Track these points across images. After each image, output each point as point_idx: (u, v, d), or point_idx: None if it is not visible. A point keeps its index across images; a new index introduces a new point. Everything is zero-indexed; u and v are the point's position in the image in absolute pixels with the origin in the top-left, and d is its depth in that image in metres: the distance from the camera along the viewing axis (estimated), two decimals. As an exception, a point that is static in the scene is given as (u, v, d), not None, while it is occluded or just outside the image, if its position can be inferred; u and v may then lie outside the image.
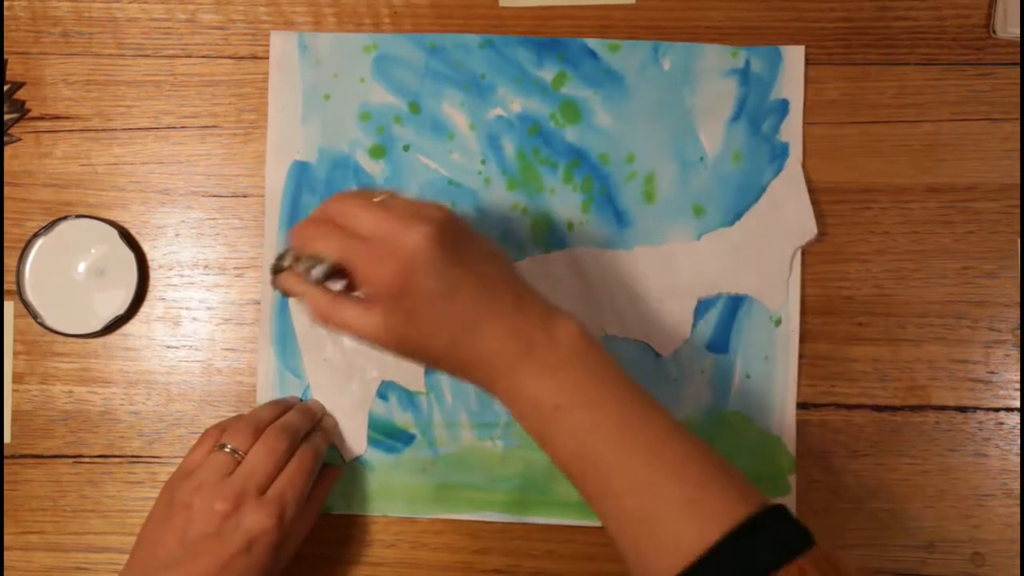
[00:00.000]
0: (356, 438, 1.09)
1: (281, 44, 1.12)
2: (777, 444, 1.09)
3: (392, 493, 1.09)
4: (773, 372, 1.09)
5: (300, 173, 1.11)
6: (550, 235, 1.10)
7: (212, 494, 0.93)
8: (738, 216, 1.10)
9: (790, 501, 1.08)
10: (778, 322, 1.09)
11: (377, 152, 1.11)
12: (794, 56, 1.11)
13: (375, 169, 1.10)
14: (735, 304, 1.10)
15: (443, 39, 1.11)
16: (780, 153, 1.10)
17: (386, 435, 1.09)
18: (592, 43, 1.11)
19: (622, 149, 1.11)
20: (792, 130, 1.10)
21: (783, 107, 1.11)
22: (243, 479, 0.95)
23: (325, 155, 1.11)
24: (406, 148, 1.11)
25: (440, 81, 1.11)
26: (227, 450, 0.97)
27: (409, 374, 1.09)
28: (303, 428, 1.03)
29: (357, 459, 1.09)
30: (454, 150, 1.11)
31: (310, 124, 1.11)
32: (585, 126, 1.11)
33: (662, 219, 1.10)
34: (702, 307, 1.10)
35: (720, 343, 1.10)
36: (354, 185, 1.10)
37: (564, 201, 1.10)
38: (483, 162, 1.11)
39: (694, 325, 1.10)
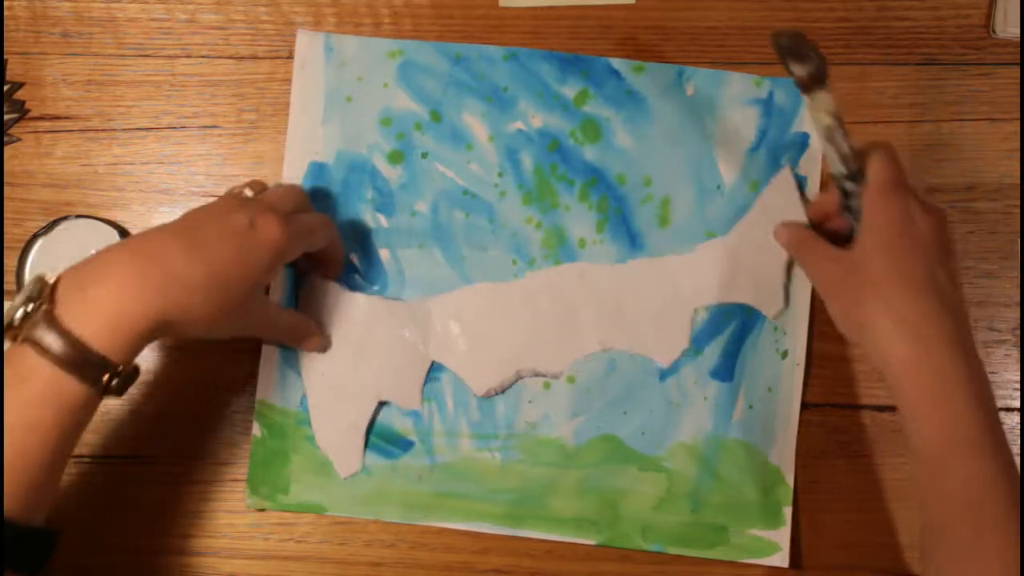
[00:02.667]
0: (351, 456, 1.09)
1: (307, 44, 1.11)
2: (776, 474, 1.09)
3: (387, 498, 1.09)
4: (776, 404, 1.09)
5: (317, 174, 1.11)
6: (561, 252, 1.10)
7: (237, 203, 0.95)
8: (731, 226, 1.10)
9: (783, 534, 1.09)
10: (784, 354, 1.09)
11: (395, 157, 1.11)
12: (819, 91, 1.10)
13: (392, 174, 1.10)
14: (741, 333, 1.10)
15: (468, 49, 1.11)
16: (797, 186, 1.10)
17: (385, 440, 1.10)
18: (616, 63, 1.11)
19: (640, 171, 1.11)
20: (810, 164, 1.10)
21: (803, 140, 1.10)
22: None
23: (343, 157, 1.11)
24: (424, 155, 1.11)
25: (463, 91, 1.11)
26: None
27: (405, 394, 1.09)
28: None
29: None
30: (472, 160, 1.11)
31: (330, 125, 1.11)
32: (604, 145, 1.11)
33: (675, 244, 1.10)
34: (708, 331, 1.10)
35: (724, 371, 1.10)
36: (370, 190, 1.11)
37: (578, 219, 1.10)
38: (500, 174, 1.11)
39: (693, 333, 1.10)
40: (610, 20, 1.12)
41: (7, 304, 0.83)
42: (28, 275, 1.08)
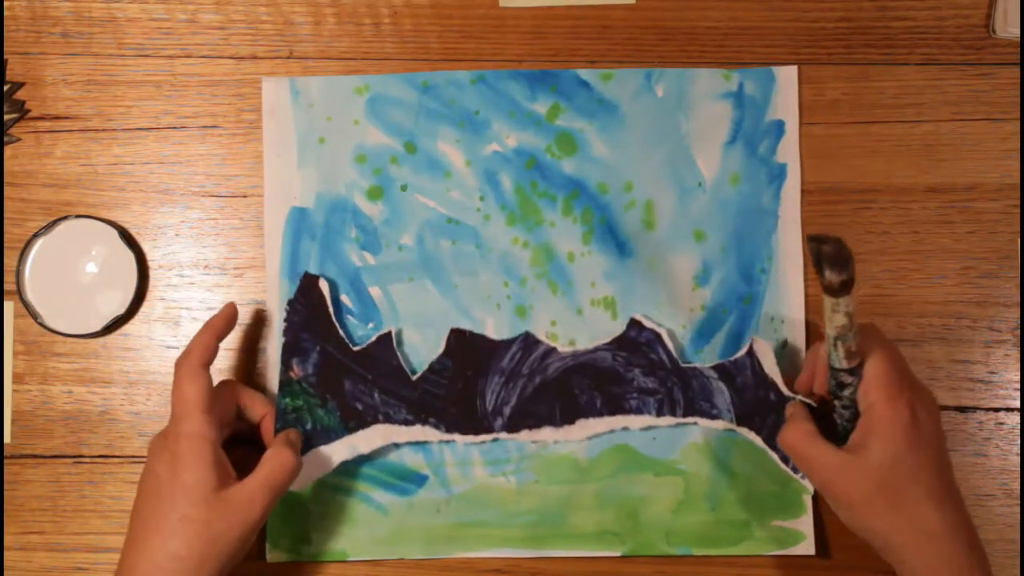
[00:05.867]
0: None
1: (273, 90, 1.11)
2: (791, 464, 1.09)
3: (408, 536, 1.09)
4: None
5: (299, 219, 1.10)
6: (551, 268, 1.10)
7: None
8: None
9: (806, 522, 1.09)
10: (784, 344, 1.10)
11: (375, 193, 1.10)
12: (787, 77, 1.11)
13: (373, 211, 1.10)
14: (740, 327, 1.10)
15: (435, 76, 1.11)
16: (778, 174, 1.10)
17: (399, 478, 1.09)
18: (584, 74, 1.11)
19: (620, 178, 1.10)
20: (789, 151, 1.10)
21: (779, 128, 1.10)
22: None
23: (323, 200, 1.10)
24: (404, 188, 1.10)
25: (434, 119, 1.11)
26: None
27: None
28: None
29: (366, 501, 1.10)
30: (452, 188, 1.10)
31: (306, 169, 1.10)
32: (581, 157, 1.10)
33: (663, 246, 1.10)
34: (706, 329, 1.11)
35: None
36: (353, 229, 1.10)
37: (564, 233, 1.10)
38: (482, 198, 1.10)
39: (691, 333, 1.11)
40: (610, 20, 1.12)
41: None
42: (28, 275, 1.09)
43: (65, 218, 1.09)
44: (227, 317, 1.02)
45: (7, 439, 1.11)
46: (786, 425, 1.00)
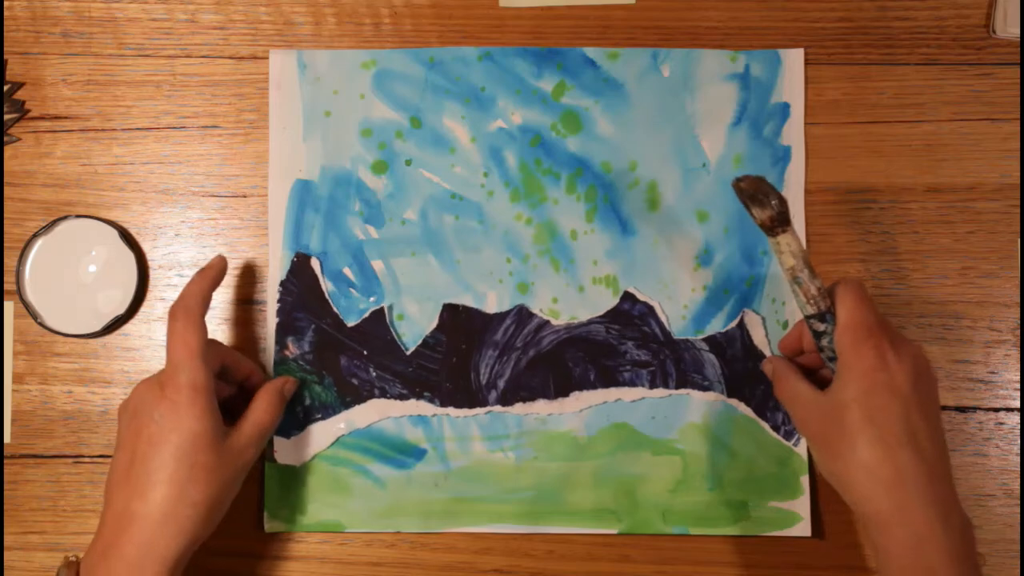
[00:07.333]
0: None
1: (280, 62, 1.11)
2: (782, 432, 1.10)
3: (405, 510, 1.09)
4: (783, 375, 1.09)
5: (303, 192, 1.10)
6: (554, 246, 1.10)
7: None
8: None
9: (803, 503, 1.08)
10: (785, 325, 1.10)
11: (379, 168, 1.10)
12: (793, 59, 1.11)
13: (377, 185, 1.10)
14: (740, 308, 1.10)
15: (442, 53, 1.11)
16: (782, 157, 1.10)
17: (398, 451, 1.09)
18: (591, 52, 1.11)
19: (624, 157, 1.11)
20: (794, 133, 1.11)
21: (784, 110, 1.11)
22: None
23: (327, 173, 1.10)
24: (408, 163, 1.11)
25: (440, 95, 1.11)
26: None
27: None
28: None
29: (365, 474, 1.10)
30: (456, 163, 1.11)
31: (311, 142, 1.11)
32: (586, 135, 1.11)
33: (666, 226, 1.10)
34: (707, 309, 1.11)
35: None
36: (357, 202, 1.10)
37: (568, 211, 1.11)
38: (486, 174, 1.11)
39: (692, 313, 1.11)
40: (610, 20, 1.12)
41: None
42: (28, 275, 1.09)
43: (65, 218, 1.09)
44: (220, 268, 1.02)
45: (7, 439, 1.10)
46: (774, 380, 1.02)
